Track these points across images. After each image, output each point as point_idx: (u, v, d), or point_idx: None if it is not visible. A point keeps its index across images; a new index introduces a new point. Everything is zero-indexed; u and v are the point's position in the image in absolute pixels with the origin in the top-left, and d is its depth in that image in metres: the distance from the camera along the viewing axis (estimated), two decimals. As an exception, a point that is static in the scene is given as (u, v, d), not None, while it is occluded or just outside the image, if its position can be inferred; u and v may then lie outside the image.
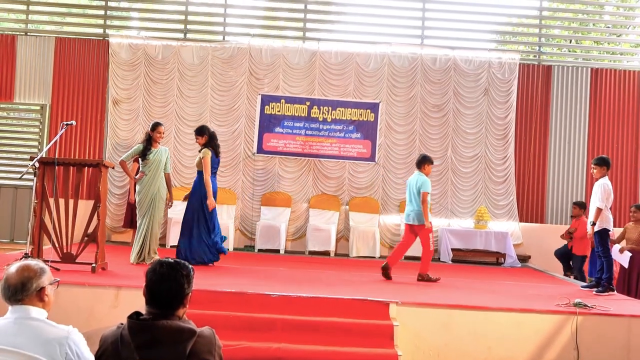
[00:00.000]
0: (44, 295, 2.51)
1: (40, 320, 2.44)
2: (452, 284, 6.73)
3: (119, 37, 10.18)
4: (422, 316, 4.98)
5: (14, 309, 2.46)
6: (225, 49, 10.22)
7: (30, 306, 2.47)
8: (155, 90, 10.11)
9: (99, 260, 5.89)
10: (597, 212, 6.28)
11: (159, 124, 6.85)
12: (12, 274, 2.48)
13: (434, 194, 10.13)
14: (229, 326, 4.62)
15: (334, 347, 4.56)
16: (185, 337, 2.21)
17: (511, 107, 10.23)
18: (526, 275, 8.36)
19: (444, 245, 9.54)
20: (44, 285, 2.51)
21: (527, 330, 4.98)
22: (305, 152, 10.13)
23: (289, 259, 8.65)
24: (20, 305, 2.46)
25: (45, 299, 2.52)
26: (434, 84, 10.26)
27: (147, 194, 6.67)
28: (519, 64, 10.30)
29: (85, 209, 6.04)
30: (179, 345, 2.19)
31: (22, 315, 2.44)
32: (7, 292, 2.46)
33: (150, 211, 6.67)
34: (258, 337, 4.58)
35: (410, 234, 6.93)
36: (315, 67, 10.21)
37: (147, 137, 6.80)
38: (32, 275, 2.49)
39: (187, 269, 2.34)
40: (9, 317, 2.45)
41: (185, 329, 2.23)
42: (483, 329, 4.97)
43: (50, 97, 10.16)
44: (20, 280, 2.46)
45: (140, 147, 6.77)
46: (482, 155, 10.20)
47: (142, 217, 6.71)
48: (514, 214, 10.12)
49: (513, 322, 5.00)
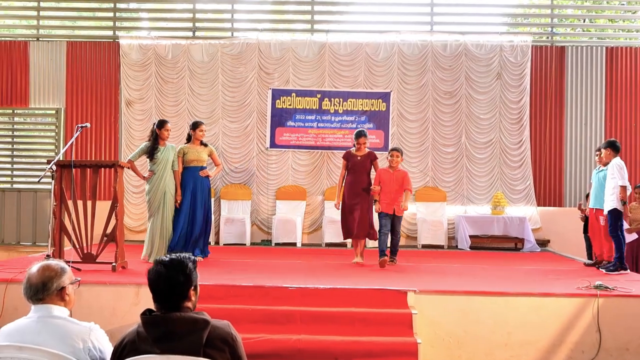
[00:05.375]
0: (65, 294, 2.57)
1: (62, 318, 2.51)
2: (470, 271, 6.71)
3: (129, 39, 10.26)
4: (440, 303, 4.98)
5: (36, 308, 2.53)
6: (234, 45, 10.25)
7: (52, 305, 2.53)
8: (167, 90, 10.19)
9: (118, 259, 5.97)
10: (623, 190, 6.33)
11: (165, 122, 6.88)
12: (34, 273, 2.55)
13: (449, 180, 10.11)
14: (249, 319, 4.67)
15: (353, 336, 4.59)
16: (199, 327, 2.26)
17: (525, 90, 10.13)
18: (546, 259, 8.31)
19: (461, 232, 9.51)
20: (65, 285, 2.58)
21: (547, 314, 4.95)
22: (318, 145, 10.15)
23: (306, 252, 8.69)
24: (42, 304, 2.52)
25: (66, 298, 2.58)
26: (445, 71, 10.19)
27: (157, 193, 6.72)
28: (531, 46, 10.19)
29: (103, 210, 6.12)
30: (194, 335, 2.24)
31: (44, 314, 2.50)
32: (29, 291, 2.53)
33: (160, 210, 6.72)
34: (277, 330, 4.62)
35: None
36: (324, 59, 10.20)
37: (154, 135, 6.80)
38: (53, 275, 2.55)
39: (183, 265, 2.37)
40: (32, 317, 2.52)
41: (199, 320, 2.29)
42: (503, 314, 4.95)
43: (64, 100, 10.29)
44: (41, 279, 2.53)
45: (147, 145, 6.80)
46: (496, 141, 10.13)
47: (151, 216, 6.78)
48: (532, 199, 10.05)
49: (533, 306, 4.97)
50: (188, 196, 6.88)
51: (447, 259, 8.08)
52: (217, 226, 9.69)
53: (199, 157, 7.01)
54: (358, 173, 7.04)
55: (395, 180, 6.95)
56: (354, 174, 7.05)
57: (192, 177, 6.95)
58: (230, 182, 10.10)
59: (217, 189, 9.93)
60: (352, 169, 7.08)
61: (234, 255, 8.04)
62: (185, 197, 6.87)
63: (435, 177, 10.14)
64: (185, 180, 6.93)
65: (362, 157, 7.08)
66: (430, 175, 10.14)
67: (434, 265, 7.29)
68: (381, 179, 6.98)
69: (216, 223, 9.68)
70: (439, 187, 10.09)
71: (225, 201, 9.90)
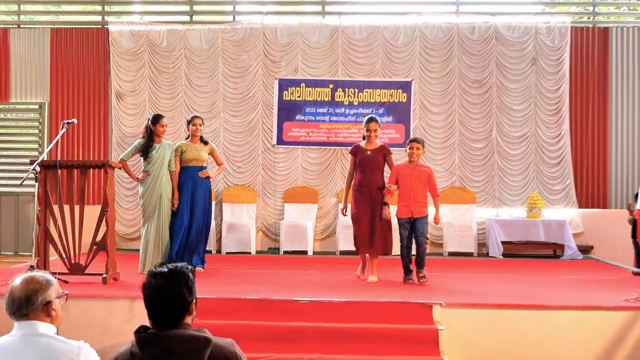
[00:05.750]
0: (51, 309, 2.58)
1: (48, 336, 2.52)
2: (504, 281, 6.69)
3: (119, 24, 10.34)
4: (470, 318, 4.98)
5: (19, 325, 2.54)
6: (237, 31, 10.29)
7: (37, 321, 2.55)
8: (162, 81, 10.25)
9: (110, 270, 6.02)
10: None
11: (160, 116, 6.93)
12: (17, 287, 2.56)
13: (478, 180, 10.08)
14: (255, 337, 4.70)
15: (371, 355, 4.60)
16: (200, 346, 2.27)
17: (563, 77, 10.07)
18: (588, 267, 8.27)
19: (493, 238, 9.46)
20: (51, 299, 2.58)
21: (591, 330, 4.94)
22: (331, 141, 10.15)
23: (318, 261, 8.70)
24: (26, 320, 2.54)
25: (53, 314, 2.59)
26: (474, 57, 10.16)
27: (152, 196, 6.75)
28: (570, 27, 10.13)
29: (92, 215, 6.16)
30: (194, 354, 2.25)
31: (29, 331, 2.52)
32: (11, 306, 2.54)
33: (155, 215, 6.74)
34: (287, 348, 4.64)
35: None
36: (337, 45, 10.21)
37: (148, 131, 6.84)
38: (38, 288, 2.56)
39: (184, 276, 2.37)
40: (15, 334, 2.53)
41: (200, 337, 2.29)
42: (540, 330, 4.94)
43: (48, 94, 10.39)
44: (25, 293, 2.54)
45: (142, 143, 6.84)
46: (532, 135, 10.08)
47: (146, 222, 6.81)
48: (572, 200, 9.98)
49: (575, 321, 4.97)
50: (186, 199, 6.90)
51: (476, 268, 8.06)
52: (218, 232, 9.73)
53: (198, 156, 7.03)
54: (368, 171, 6.49)
55: (416, 177, 6.42)
56: (363, 172, 6.50)
57: (191, 178, 6.98)
58: (233, 183, 10.14)
59: (218, 191, 9.98)
60: (361, 166, 6.53)
61: (238, 265, 8.06)
62: (183, 200, 6.90)
63: (463, 176, 10.11)
64: (183, 181, 6.96)
65: (372, 151, 6.52)
66: (457, 175, 10.11)
67: (462, 276, 7.28)
68: (399, 176, 6.46)
69: (217, 229, 9.72)
70: (467, 188, 10.06)
71: (227, 204, 9.93)
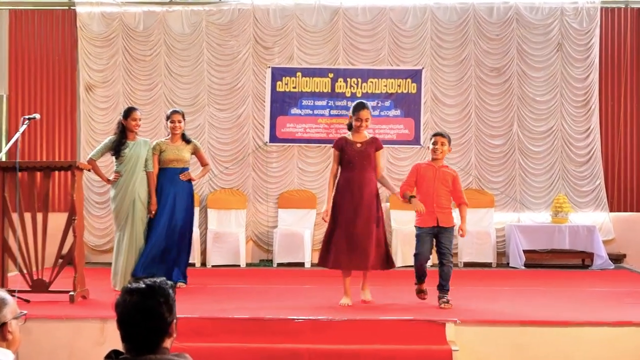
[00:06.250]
0: (7, 332, 2.56)
1: (4, 364, 2.49)
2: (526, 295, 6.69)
3: (89, 5, 10.27)
4: (487, 337, 5.01)
5: (-30, 350, 2.51)
6: (223, 13, 10.26)
7: (-9, 346, 2.51)
8: (138, 70, 10.21)
9: (77, 287, 5.99)
10: None
11: (133, 109, 6.94)
12: (-33, 307, 2.53)
13: (497, 181, 10.06)
14: (244, 361, 4.67)
15: (377, 382, 4.58)
16: None
17: (593, 65, 10.07)
18: (621, 279, 8.31)
19: (513, 246, 9.45)
20: (7, 320, 2.57)
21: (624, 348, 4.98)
22: (331, 138, 10.06)
23: (316, 274, 8.61)
24: (-23, 345, 2.50)
25: (9, 337, 2.57)
26: (492, 42, 10.16)
27: (125, 200, 6.72)
28: (600, 8, 10.13)
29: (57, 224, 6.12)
30: None
31: (-20, 358, 2.48)
32: (-39, 329, 2.51)
33: (129, 223, 6.71)
34: (281, 373, 4.62)
35: None
36: (338, 28, 10.20)
37: (120, 127, 6.84)
38: (-9, 308, 2.54)
39: (163, 293, 2.36)
40: (-35, 361, 2.50)
41: None
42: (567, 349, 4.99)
43: (6, 86, 10.33)
44: (-24, 314, 2.51)
45: (113, 140, 6.83)
46: (557, 129, 10.08)
47: (119, 230, 6.77)
48: (603, 203, 9.98)
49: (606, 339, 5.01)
50: (166, 205, 6.87)
51: (495, 281, 8.09)
52: (203, 243, 9.69)
53: (179, 156, 7.02)
54: (359, 168, 5.95)
55: (440, 180, 5.91)
56: (353, 170, 5.97)
57: (171, 180, 6.96)
58: (220, 186, 10.11)
59: (202, 195, 9.94)
60: (348, 163, 5.99)
61: (225, 279, 8.07)
62: (162, 206, 6.86)
63: (480, 177, 10.10)
64: (162, 184, 6.95)
65: (363, 144, 6.00)
66: (474, 175, 10.10)
67: (479, 289, 7.30)
68: (419, 177, 5.96)
69: (202, 239, 9.69)
70: (484, 190, 10.05)
71: (213, 211, 9.90)
